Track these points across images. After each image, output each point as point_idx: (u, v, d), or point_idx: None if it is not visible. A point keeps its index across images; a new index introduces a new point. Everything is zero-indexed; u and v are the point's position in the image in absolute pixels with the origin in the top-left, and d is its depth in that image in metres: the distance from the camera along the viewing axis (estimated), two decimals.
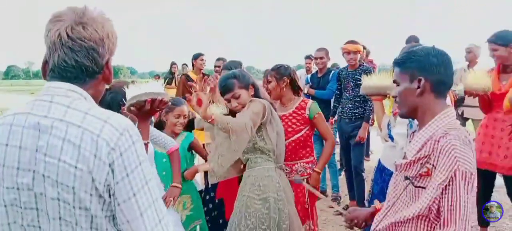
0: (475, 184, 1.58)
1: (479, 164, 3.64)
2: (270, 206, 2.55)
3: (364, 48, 5.65)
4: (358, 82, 4.31)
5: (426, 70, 1.67)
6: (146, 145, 2.06)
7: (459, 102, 6.61)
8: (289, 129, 3.09)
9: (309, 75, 6.24)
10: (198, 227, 3.10)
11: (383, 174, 2.86)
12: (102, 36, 1.19)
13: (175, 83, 10.28)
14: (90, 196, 1.11)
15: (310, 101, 3.24)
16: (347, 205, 5.07)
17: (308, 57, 7.20)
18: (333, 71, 5.34)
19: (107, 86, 2.26)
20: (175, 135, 3.04)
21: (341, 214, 2.17)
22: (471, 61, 6.52)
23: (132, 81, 2.07)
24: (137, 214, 1.15)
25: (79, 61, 1.17)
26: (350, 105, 4.70)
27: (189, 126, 3.18)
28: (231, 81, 2.69)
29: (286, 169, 3.05)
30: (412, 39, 5.39)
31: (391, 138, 2.87)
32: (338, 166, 5.69)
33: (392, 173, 2.60)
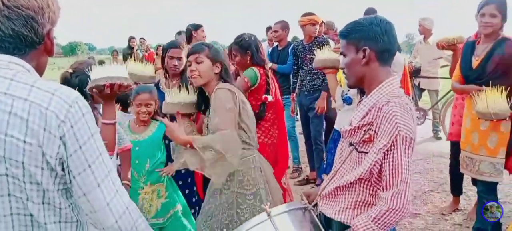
0: (412, 149, 1.63)
1: (450, 136, 3.83)
2: (261, 198, 2.49)
3: (323, 23, 5.66)
4: (313, 56, 4.38)
5: (370, 40, 1.70)
6: (113, 124, 2.04)
7: (415, 73, 6.84)
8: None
9: (269, 49, 6.24)
10: (179, 213, 3.03)
11: (336, 143, 2.91)
12: (41, 5, 1.15)
13: (134, 59, 10.03)
14: (41, 170, 1.10)
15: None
16: (307, 175, 5.19)
17: (269, 28, 7.15)
18: (292, 45, 5.36)
19: (70, 71, 2.22)
20: (142, 123, 2.94)
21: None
22: (425, 34, 6.75)
23: (90, 57, 2.03)
24: (94, 184, 1.14)
25: (16, 30, 1.12)
26: (309, 78, 4.75)
27: None
28: (202, 46, 2.56)
29: None
30: (371, 11, 5.45)
31: (348, 100, 2.92)
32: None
33: None
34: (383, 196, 1.62)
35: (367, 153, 1.69)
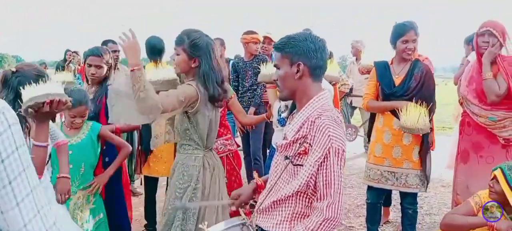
0: (344, 160, 1.74)
1: None
2: (196, 194, 2.57)
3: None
4: (257, 70, 4.45)
5: (304, 55, 1.76)
6: (44, 147, 1.95)
7: (348, 92, 7.18)
8: None
9: None
10: (102, 222, 2.97)
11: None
12: None
13: (68, 72, 9.65)
14: None
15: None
16: None
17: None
18: (231, 62, 5.43)
19: (13, 70, 2.10)
20: (74, 129, 2.84)
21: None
22: (357, 55, 7.14)
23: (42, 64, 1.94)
24: (13, 203, 1.04)
25: None
26: (249, 94, 4.86)
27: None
28: (181, 39, 2.51)
29: None
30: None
31: (282, 122, 3.03)
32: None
33: None
34: (318, 206, 1.69)
35: (302, 165, 1.74)
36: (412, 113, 3.13)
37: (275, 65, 1.88)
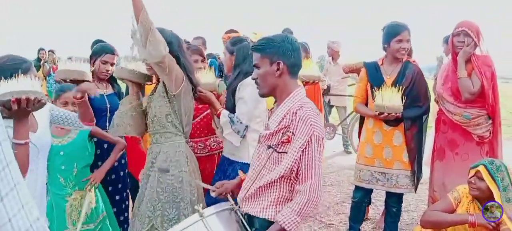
0: (323, 146, 1.93)
1: None
2: (183, 180, 2.54)
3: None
4: None
5: (283, 55, 1.94)
6: (24, 145, 1.86)
7: (325, 91, 7.25)
8: (201, 105, 3.15)
9: None
10: (107, 220, 2.94)
11: (224, 170, 2.96)
12: None
13: (42, 72, 9.46)
14: None
15: (218, 79, 3.29)
16: None
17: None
18: (210, 60, 5.41)
19: None
20: (64, 129, 2.77)
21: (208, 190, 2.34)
22: (334, 55, 7.23)
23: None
24: None
25: None
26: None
27: None
28: (168, 33, 2.54)
29: (200, 145, 3.24)
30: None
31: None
32: None
33: (232, 161, 2.89)
34: (301, 189, 1.87)
35: (286, 152, 1.91)
36: (385, 94, 3.23)
37: (254, 65, 2.03)
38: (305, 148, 1.87)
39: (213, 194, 2.26)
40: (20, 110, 1.77)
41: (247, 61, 2.81)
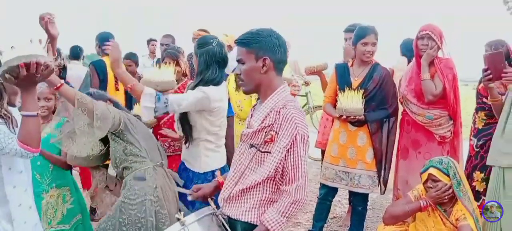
0: (308, 145, 1.86)
1: (320, 144, 4.19)
2: (146, 209, 2.44)
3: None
4: None
5: (269, 50, 1.84)
6: (35, 117, 1.78)
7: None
8: None
9: (153, 61, 6.21)
10: (82, 223, 2.87)
11: (180, 168, 2.90)
12: None
13: None
14: None
15: (189, 81, 3.27)
16: None
17: (150, 41, 7.11)
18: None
19: None
20: (42, 119, 2.69)
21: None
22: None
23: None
24: None
25: None
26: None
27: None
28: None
29: (165, 144, 3.25)
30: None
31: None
32: None
33: (187, 168, 2.78)
34: (287, 190, 1.80)
35: (269, 152, 1.84)
36: (349, 97, 3.28)
37: (238, 60, 1.91)
38: (290, 147, 1.80)
39: (190, 198, 2.19)
40: (28, 78, 1.69)
41: (210, 69, 2.63)
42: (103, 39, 4.36)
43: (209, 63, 2.63)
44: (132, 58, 5.27)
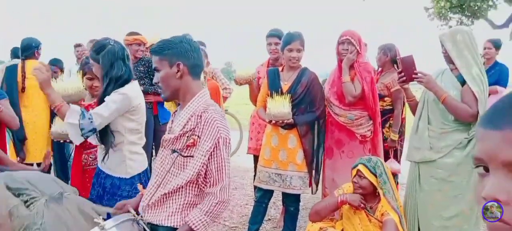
0: (230, 148, 1.94)
1: (252, 150, 4.26)
2: None
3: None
4: (140, 74, 4.49)
5: (182, 56, 1.89)
6: None
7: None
8: None
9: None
10: None
11: (99, 177, 2.79)
12: None
13: None
14: None
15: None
16: None
17: (78, 46, 6.91)
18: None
19: None
20: None
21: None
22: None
23: None
24: None
25: None
26: None
27: None
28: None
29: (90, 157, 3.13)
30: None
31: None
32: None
33: (109, 175, 2.68)
34: (212, 191, 1.87)
35: (192, 156, 1.88)
36: (277, 102, 3.38)
37: (154, 68, 1.95)
38: (213, 151, 1.85)
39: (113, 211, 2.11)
40: None
41: (115, 66, 2.59)
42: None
43: (113, 61, 2.59)
44: (57, 64, 5.11)
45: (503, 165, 0.65)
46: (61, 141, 3.32)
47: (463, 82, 2.87)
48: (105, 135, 2.57)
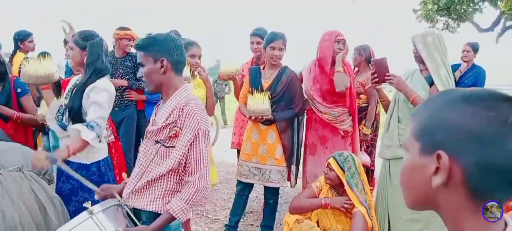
0: (209, 139, 2.07)
1: (235, 144, 4.40)
2: None
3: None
4: (128, 69, 4.56)
5: (166, 53, 2.00)
6: None
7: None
8: None
9: (68, 61, 6.07)
10: None
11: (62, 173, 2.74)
12: None
13: None
14: None
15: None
16: None
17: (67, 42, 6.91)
18: None
19: None
20: None
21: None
22: None
23: None
24: None
25: None
26: (118, 94, 4.71)
27: None
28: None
29: None
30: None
31: (63, 126, 2.74)
32: None
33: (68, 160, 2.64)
34: (190, 180, 1.98)
35: (174, 147, 2.00)
36: (256, 99, 3.53)
37: (139, 63, 2.06)
38: (193, 141, 1.96)
39: (97, 196, 2.22)
40: None
41: (100, 59, 2.70)
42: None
43: (99, 53, 2.70)
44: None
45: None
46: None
47: (431, 83, 3.03)
48: (80, 122, 2.63)
